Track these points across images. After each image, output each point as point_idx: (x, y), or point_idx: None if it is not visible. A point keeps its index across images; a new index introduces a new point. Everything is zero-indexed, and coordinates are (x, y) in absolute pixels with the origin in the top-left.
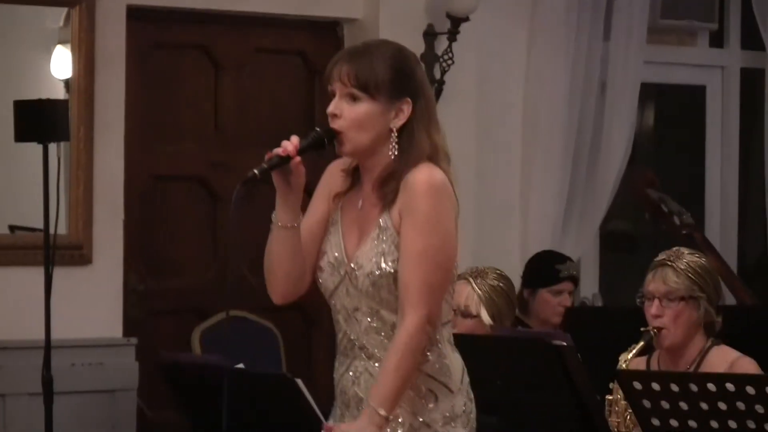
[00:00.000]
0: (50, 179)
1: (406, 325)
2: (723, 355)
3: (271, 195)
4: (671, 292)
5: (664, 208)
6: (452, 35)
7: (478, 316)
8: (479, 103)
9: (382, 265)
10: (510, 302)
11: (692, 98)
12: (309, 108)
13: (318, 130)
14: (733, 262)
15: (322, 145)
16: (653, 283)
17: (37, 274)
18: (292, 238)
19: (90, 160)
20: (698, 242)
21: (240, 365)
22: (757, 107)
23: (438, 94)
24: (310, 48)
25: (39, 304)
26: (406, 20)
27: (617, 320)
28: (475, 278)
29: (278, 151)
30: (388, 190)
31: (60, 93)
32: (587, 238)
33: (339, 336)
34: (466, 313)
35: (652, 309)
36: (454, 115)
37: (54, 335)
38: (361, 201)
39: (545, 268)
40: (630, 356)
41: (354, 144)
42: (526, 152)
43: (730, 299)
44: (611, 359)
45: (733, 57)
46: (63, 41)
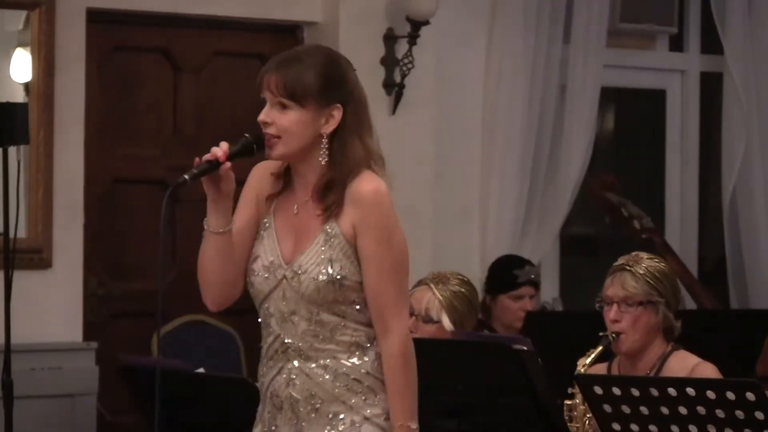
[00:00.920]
0: (9, 183)
1: (396, 337)
2: (683, 360)
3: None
4: (629, 297)
5: (624, 212)
6: (412, 39)
7: (439, 322)
8: (439, 106)
9: (330, 270)
10: (472, 307)
11: (652, 102)
12: None
13: (247, 135)
14: (693, 266)
15: (251, 150)
16: (612, 287)
17: None
18: (224, 244)
19: (50, 164)
20: (658, 246)
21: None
22: (716, 111)
23: (398, 97)
24: (270, 51)
25: None
26: (366, 23)
27: (577, 324)
28: (436, 284)
29: (207, 157)
30: (331, 200)
31: (19, 96)
32: (547, 241)
33: (269, 339)
34: (427, 319)
35: (610, 314)
36: (413, 118)
37: (13, 339)
38: (296, 206)
39: (504, 273)
40: (588, 361)
41: (284, 149)
42: (486, 156)
43: (690, 303)
44: (571, 363)
45: (693, 61)
46: (22, 44)
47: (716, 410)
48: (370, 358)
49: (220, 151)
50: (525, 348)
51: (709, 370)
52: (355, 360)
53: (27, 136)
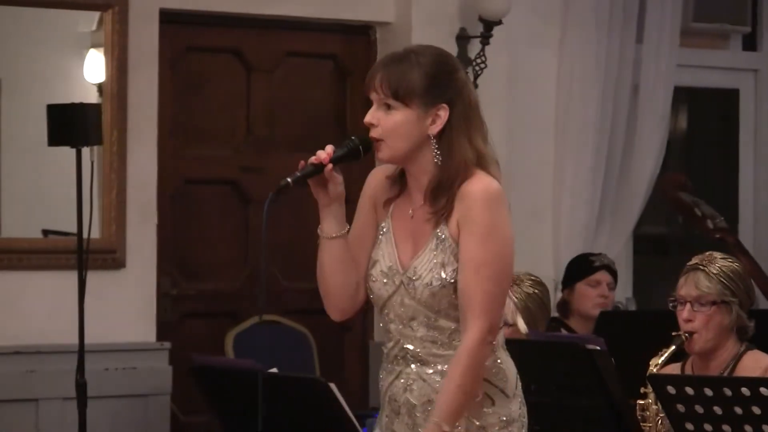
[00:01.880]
0: (83, 183)
1: (470, 338)
2: (756, 360)
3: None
4: (703, 297)
5: (697, 211)
6: (485, 38)
7: (514, 325)
8: (511, 106)
9: (442, 275)
10: (544, 308)
11: (725, 101)
12: (340, 112)
13: (354, 138)
14: (766, 266)
15: (358, 154)
16: (685, 287)
17: (71, 278)
18: (340, 248)
19: (123, 164)
20: (731, 246)
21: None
22: None
23: None
24: (342, 51)
25: (72, 309)
26: (438, 24)
27: (650, 324)
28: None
29: (311, 160)
30: (441, 203)
31: (93, 97)
32: (620, 241)
33: (390, 344)
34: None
35: (683, 313)
36: (486, 117)
37: (87, 340)
38: (411, 210)
39: (579, 263)
40: (660, 361)
41: (392, 152)
42: (559, 156)
43: (763, 303)
44: (643, 363)
45: (766, 60)
46: (96, 45)
47: None
48: (488, 363)
49: (324, 153)
50: (598, 348)
51: None
52: None
53: (100, 137)
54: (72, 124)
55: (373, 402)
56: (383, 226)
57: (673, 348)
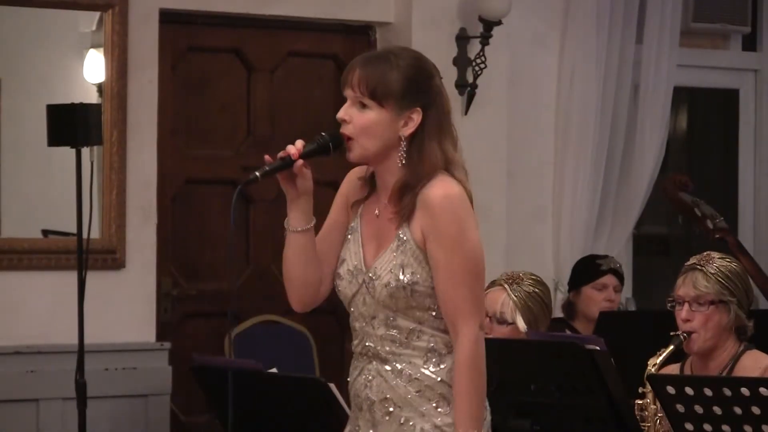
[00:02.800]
0: (83, 183)
1: (465, 341)
2: (755, 360)
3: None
4: (701, 297)
5: (697, 211)
6: (485, 39)
7: (513, 323)
8: (511, 106)
9: (400, 276)
10: (545, 308)
11: (725, 102)
12: None
13: (324, 134)
14: (766, 266)
15: (328, 150)
16: (683, 287)
17: (71, 278)
18: (305, 242)
19: (123, 164)
20: (731, 246)
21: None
22: None
23: (470, 97)
24: (343, 51)
25: (72, 309)
26: (438, 24)
27: (650, 324)
28: (510, 284)
29: (280, 154)
30: (404, 204)
31: (93, 97)
32: (620, 241)
33: (355, 342)
34: (501, 320)
35: (681, 313)
36: (486, 118)
37: (87, 340)
38: (377, 210)
39: (586, 265)
40: (659, 361)
41: (361, 150)
42: (559, 156)
43: (763, 303)
44: (643, 363)
45: (766, 60)
46: (96, 45)
47: None
48: (446, 365)
49: (293, 148)
50: (598, 348)
51: None
52: (430, 367)
53: (100, 137)
54: (72, 124)
55: None
56: (352, 225)
57: (671, 348)
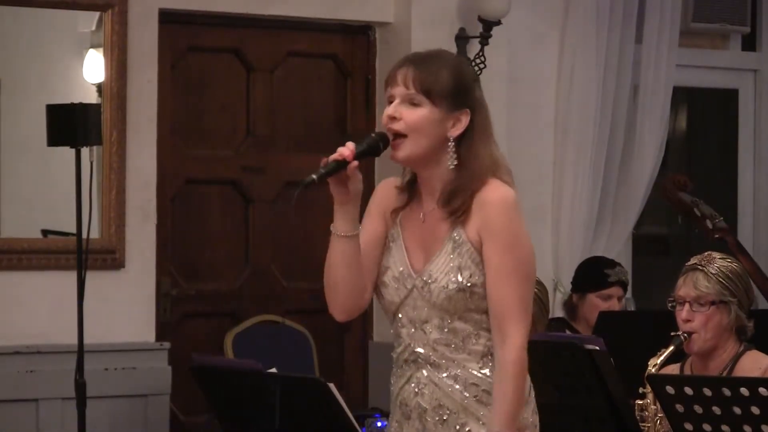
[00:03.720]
0: (83, 183)
1: (513, 345)
2: (755, 360)
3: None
4: (701, 297)
5: (696, 211)
6: (484, 39)
7: None
8: (511, 106)
9: (459, 278)
10: (543, 308)
11: (725, 101)
12: (340, 112)
13: (373, 135)
14: (765, 266)
15: (378, 150)
16: (684, 287)
17: (70, 278)
18: (352, 248)
19: (122, 164)
20: (731, 246)
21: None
22: None
23: None
24: (342, 51)
25: (72, 309)
26: (437, 24)
27: (649, 324)
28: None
29: (334, 157)
30: (457, 205)
31: (92, 97)
32: (620, 241)
33: (399, 348)
34: None
35: (682, 313)
36: None
37: (87, 340)
38: (422, 215)
39: (595, 272)
40: (659, 361)
41: (410, 150)
42: (558, 156)
43: (763, 303)
44: (643, 363)
45: (766, 60)
46: (95, 45)
47: None
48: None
49: (347, 150)
50: (597, 348)
51: None
52: (486, 371)
53: (100, 137)
54: (72, 124)
55: (372, 402)
56: (392, 233)
57: (672, 348)
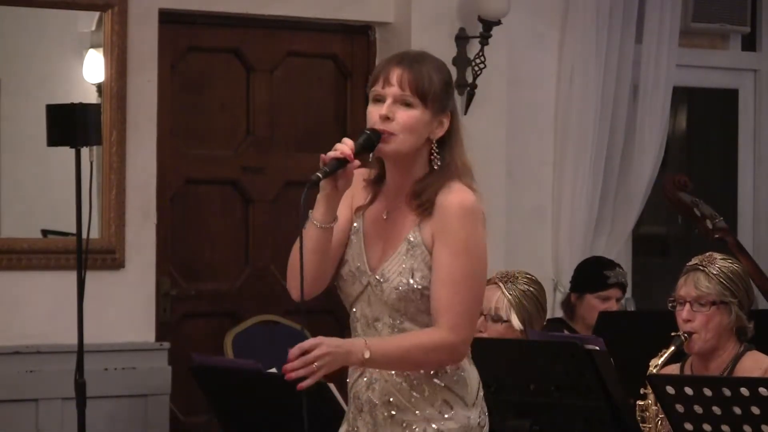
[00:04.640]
0: (82, 183)
1: (444, 337)
2: (756, 361)
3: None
4: (702, 297)
5: (696, 211)
6: (484, 39)
7: (508, 321)
8: (511, 106)
9: (410, 281)
10: (540, 307)
11: (724, 101)
12: (340, 112)
13: (368, 132)
14: (766, 266)
15: (373, 146)
16: (684, 287)
17: (70, 278)
18: (325, 239)
19: (122, 164)
20: (731, 246)
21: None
22: None
23: (470, 97)
24: (342, 51)
25: (72, 309)
26: (437, 24)
27: (649, 324)
28: (505, 283)
29: (335, 154)
30: (422, 203)
31: (92, 97)
32: (619, 241)
33: None
34: (496, 318)
35: (683, 314)
36: (485, 118)
37: (87, 340)
38: (386, 212)
39: (594, 273)
40: (660, 361)
41: (400, 145)
42: (558, 156)
43: (762, 303)
44: (643, 363)
45: (766, 60)
46: (95, 45)
47: None
48: (450, 370)
49: (347, 148)
50: (597, 348)
51: None
52: (434, 371)
53: (100, 137)
54: (71, 124)
55: None
56: (355, 226)
57: (672, 348)
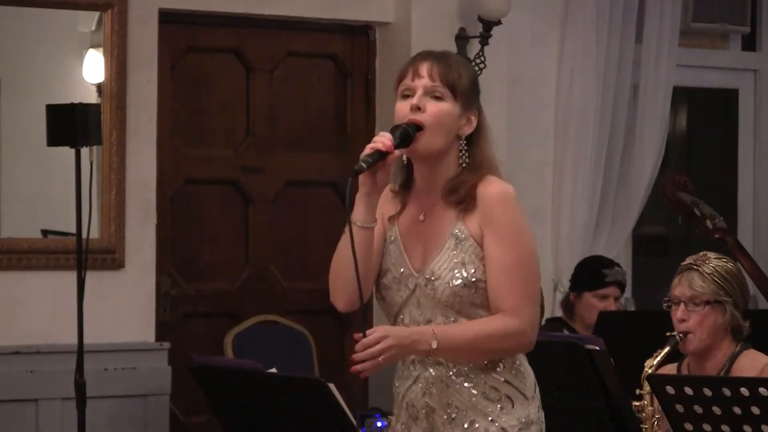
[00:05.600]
0: (82, 183)
1: (507, 322)
2: (752, 360)
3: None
4: (696, 297)
5: (696, 211)
6: (484, 39)
7: None
8: (511, 106)
9: (464, 273)
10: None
11: (725, 101)
12: (340, 111)
13: (404, 125)
14: (766, 266)
15: (410, 139)
16: (679, 287)
17: (70, 278)
18: (367, 239)
19: (122, 164)
20: (731, 246)
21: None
22: None
23: None
24: (342, 51)
25: (72, 309)
26: (437, 24)
27: (649, 324)
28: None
29: (376, 146)
30: (462, 198)
31: (92, 97)
32: (619, 241)
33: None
34: None
35: (677, 313)
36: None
37: (87, 340)
38: (423, 214)
39: (592, 272)
40: (656, 362)
41: (428, 142)
42: (558, 156)
43: (762, 303)
44: (642, 363)
45: (766, 60)
46: (95, 45)
47: None
48: (508, 364)
49: (387, 140)
50: (597, 348)
51: None
52: (494, 367)
53: (99, 137)
54: (71, 124)
55: (372, 402)
56: (389, 235)
57: (668, 349)
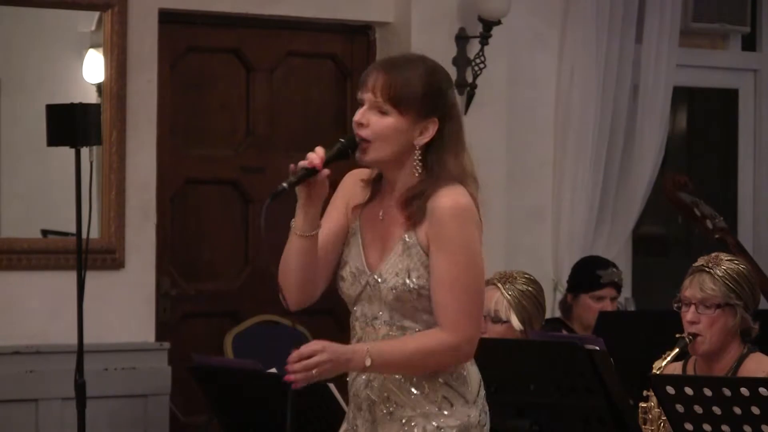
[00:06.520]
0: (82, 183)
1: (444, 338)
2: (759, 362)
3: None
4: (708, 299)
5: (696, 211)
6: (484, 39)
7: (508, 322)
8: (511, 106)
9: (407, 281)
10: (539, 306)
11: (725, 101)
12: (341, 111)
13: (342, 140)
14: (765, 266)
15: (347, 154)
16: (690, 289)
17: (70, 278)
18: (308, 247)
19: (122, 164)
20: (731, 246)
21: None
22: None
23: (470, 97)
24: (342, 51)
25: (72, 309)
26: (437, 24)
27: (649, 324)
28: (503, 283)
29: (304, 164)
30: (414, 209)
31: (92, 97)
32: (619, 241)
33: (353, 341)
34: (496, 319)
35: (688, 315)
36: (485, 118)
37: (86, 340)
38: (382, 212)
39: (588, 273)
40: (664, 364)
41: (376, 155)
42: (558, 156)
43: (763, 303)
44: (643, 364)
45: (766, 60)
46: (95, 45)
47: None
48: (450, 369)
49: (317, 158)
50: (597, 348)
51: None
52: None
53: (99, 137)
54: (71, 124)
55: None
56: (353, 227)
57: (676, 350)
